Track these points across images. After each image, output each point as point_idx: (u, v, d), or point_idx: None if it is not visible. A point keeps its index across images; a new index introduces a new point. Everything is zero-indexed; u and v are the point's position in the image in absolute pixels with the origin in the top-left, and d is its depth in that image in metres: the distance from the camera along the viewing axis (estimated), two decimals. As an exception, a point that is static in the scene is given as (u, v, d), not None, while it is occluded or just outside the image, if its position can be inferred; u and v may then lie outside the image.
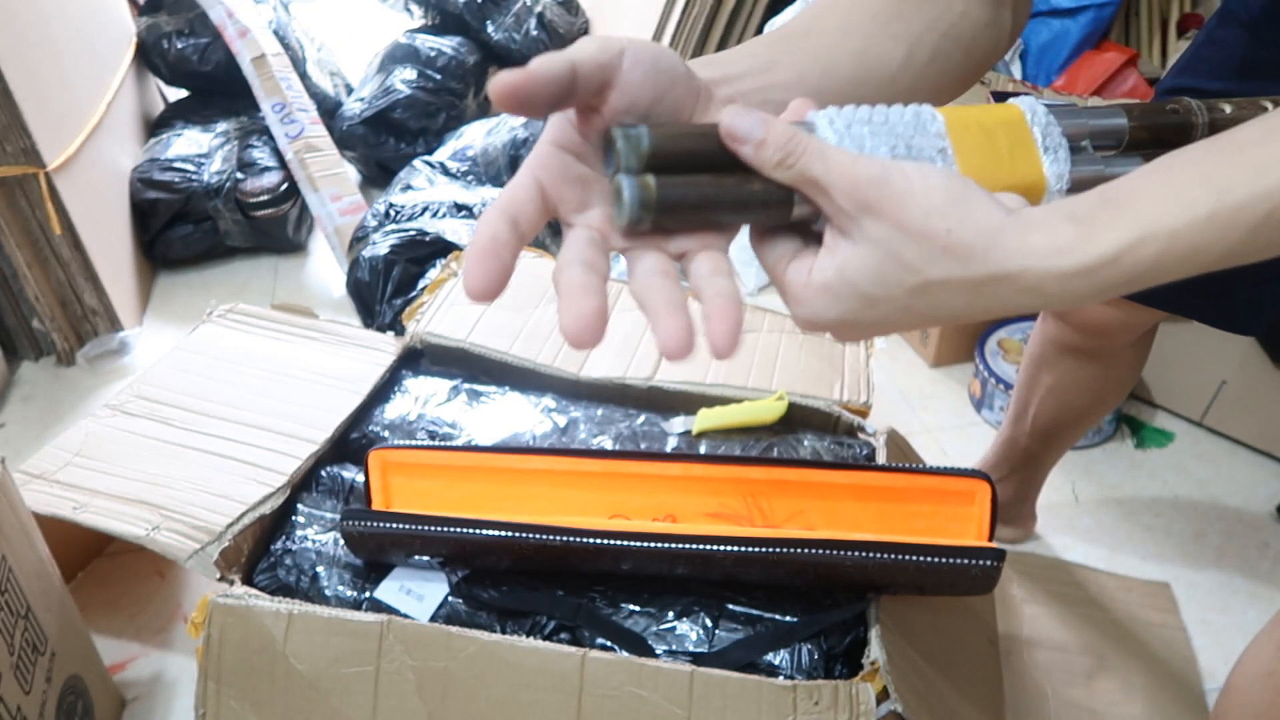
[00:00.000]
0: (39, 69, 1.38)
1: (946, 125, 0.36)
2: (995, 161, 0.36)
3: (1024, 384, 1.06)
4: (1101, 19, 1.71)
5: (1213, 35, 0.75)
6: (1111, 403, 1.05)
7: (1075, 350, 0.98)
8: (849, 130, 0.35)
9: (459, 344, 1.06)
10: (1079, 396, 1.02)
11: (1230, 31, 0.73)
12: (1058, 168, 0.36)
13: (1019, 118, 0.36)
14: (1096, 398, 1.03)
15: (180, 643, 1.06)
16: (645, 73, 0.35)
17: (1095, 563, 1.21)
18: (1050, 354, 1.01)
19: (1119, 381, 1.03)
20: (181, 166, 1.70)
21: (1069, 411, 1.04)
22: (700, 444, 0.95)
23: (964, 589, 0.79)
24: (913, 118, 0.36)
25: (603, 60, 0.34)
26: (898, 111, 0.36)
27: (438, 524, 0.77)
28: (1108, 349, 0.97)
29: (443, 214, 1.58)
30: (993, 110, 0.37)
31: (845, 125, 0.35)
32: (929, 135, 0.35)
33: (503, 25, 2.10)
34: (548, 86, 0.33)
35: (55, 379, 1.49)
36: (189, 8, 1.85)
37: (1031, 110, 0.37)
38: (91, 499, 0.85)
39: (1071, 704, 1.02)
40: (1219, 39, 0.74)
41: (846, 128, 0.35)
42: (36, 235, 1.40)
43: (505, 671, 0.73)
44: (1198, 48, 0.77)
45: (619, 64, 0.34)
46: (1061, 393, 1.02)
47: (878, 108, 0.36)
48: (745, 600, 0.79)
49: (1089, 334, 0.95)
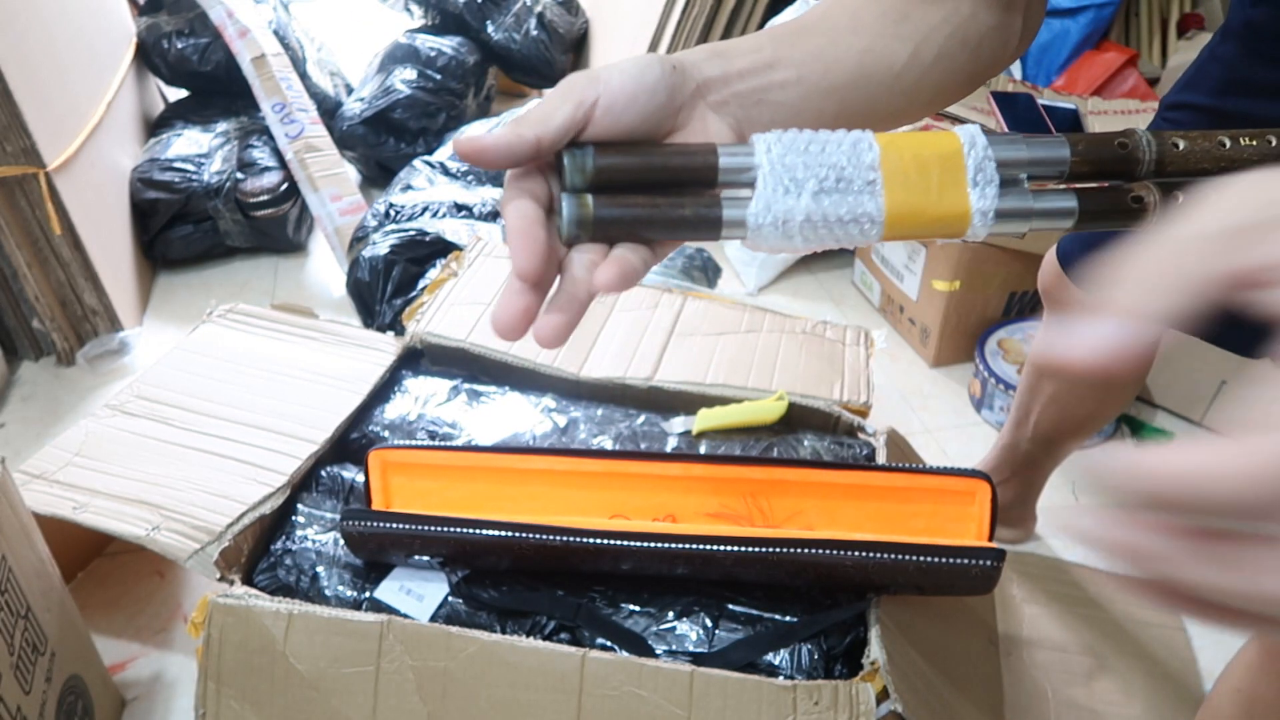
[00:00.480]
0: (39, 69, 1.38)
1: (881, 157, 0.37)
2: (923, 195, 0.37)
3: (1026, 390, 1.06)
4: (1101, 19, 1.71)
5: (1215, 51, 0.75)
6: (1113, 412, 1.05)
7: None
8: (784, 160, 0.36)
9: (459, 344, 1.06)
10: (1081, 405, 1.02)
11: (1230, 48, 0.73)
12: (984, 204, 0.37)
13: (956, 149, 0.37)
14: (1097, 408, 1.03)
15: (180, 643, 1.06)
16: (619, 115, 0.37)
17: (1095, 563, 1.21)
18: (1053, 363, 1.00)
19: (1120, 393, 1.03)
20: (181, 166, 1.71)
21: (1071, 419, 1.04)
22: (700, 444, 0.95)
23: (964, 589, 0.79)
24: (850, 147, 0.37)
25: (574, 119, 0.36)
26: (836, 139, 0.37)
27: (438, 524, 0.77)
28: None
29: (443, 214, 1.58)
30: (932, 140, 0.37)
31: (781, 154, 0.37)
32: (861, 167, 0.37)
33: (503, 25, 2.10)
34: (506, 159, 0.36)
35: (55, 379, 1.49)
36: (189, 8, 1.85)
37: (970, 142, 0.37)
38: (91, 499, 0.85)
39: (1071, 704, 1.02)
40: (1220, 55, 0.74)
41: (781, 157, 0.36)
42: (36, 235, 1.40)
43: (505, 671, 0.73)
44: (1200, 64, 0.77)
45: (591, 115, 0.37)
46: (1064, 401, 1.03)
47: (819, 133, 0.37)
48: (745, 600, 0.79)
49: None
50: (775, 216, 0.36)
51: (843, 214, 0.36)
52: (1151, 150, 0.39)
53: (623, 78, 0.37)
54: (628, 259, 0.36)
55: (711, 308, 1.16)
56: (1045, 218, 0.38)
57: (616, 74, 0.37)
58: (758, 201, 0.36)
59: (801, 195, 0.36)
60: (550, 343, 0.35)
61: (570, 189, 0.36)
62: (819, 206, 0.36)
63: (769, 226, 0.37)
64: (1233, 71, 0.72)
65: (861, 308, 1.71)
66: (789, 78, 0.41)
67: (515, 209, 0.36)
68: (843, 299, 1.73)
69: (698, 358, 1.07)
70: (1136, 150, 0.39)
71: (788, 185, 0.36)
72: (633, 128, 0.38)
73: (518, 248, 0.35)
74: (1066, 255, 0.91)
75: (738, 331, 1.13)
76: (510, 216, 0.36)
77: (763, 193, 0.36)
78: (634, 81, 0.37)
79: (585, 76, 0.37)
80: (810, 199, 0.36)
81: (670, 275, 1.59)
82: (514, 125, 0.36)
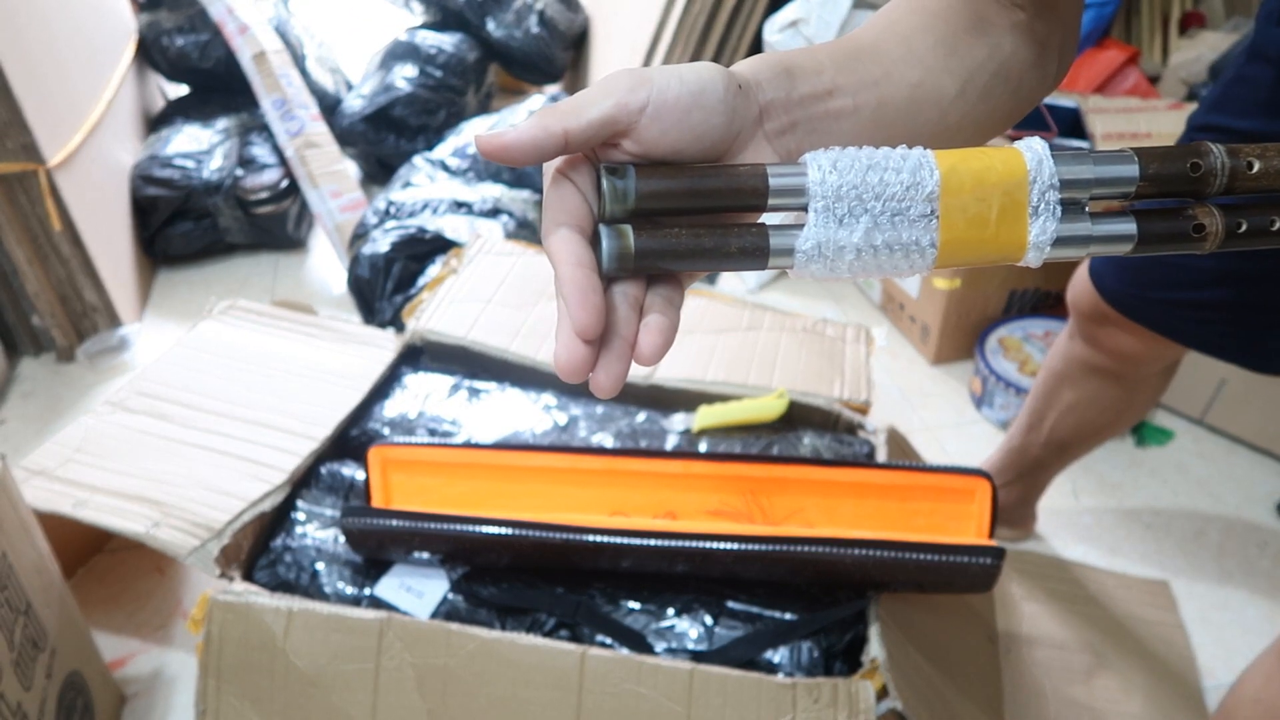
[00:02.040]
0: (39, 66, 1.38)
1: (941, 186, 0.35)
2: (980, 229, 0.35)
3: (1042, 396, 1.06)
4: (1103, 17, 1.71)
5: (1242, 72, 0.74)
6: (1129, 422, 1.05)
7: (1102, 372, 0.98)
8: (838, 189, 0.34)
9: (459, 341, 1.06)
10: (1100, 415, 1.02)
11: (1259, 69, 0.72)
12: (1043, 237, 0.35)
13: (1021, 177, 0.35)
14: (1116, 418, 1.03)
15: (180, 639, 1.06)
16: (667, 129, 0.34)
17: (1095, 561, 1.21)
18: (1075, 372, 1.00)
19: (1141, 404, 1.03)
20: (182, 163, 1.70)
21: (1087, 428, 1.04)
22: (700, 441, 0.95)
23: (963, 587, 0.79)
24: (910, 175, 0.35)
25: (613, 120, 0.33)
26: (896, 163, 0.35)
27: (438, 521, 0.77)
28: (1135, 375, 0.97)
29: (443, 211, 1.58)
30: (997, 164, 0.35)
31: (836, 183, 0.34)
32: (920, 196, 0.35)
33: (503, 22, 2.10)
34: (532, 155, 0.33)
35: (55, 375, 1.49)
36: (189, 4, 1.85)
37: (1037, 167, 0.35)
38: (91, 495, 0.85)
39: (1070, 701, 1.02)
40: (1248, 76, 0.73)
41: (836, 186, 0.34)
42: (36, 232, 1.40)
43: (505, 669, 0.73)
44: (1227, 85, 0.76)
45: (635, 123, 0.34)
46: (1083, 410, 1.02)
47: (878, 153, 0.35)
48: (745, 598, 0.79)
49: (1119, 359, 0.95)
50: (825, 250, 0.35)
51: (894, 247, 0.35)
52: (1224, 174, 0.37)
53: (681, 89, 0.34)
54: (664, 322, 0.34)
55: (712, 305, 1.16)
56: (1103, 243, 0.37)
57: (675, 82, 0.34)
58: (808, 233, 0.34)
59: (855, 230, 0.34)
60: (611, 393, 0.33)
61: (609, 219, 0.34)
62: (870, 241, 0.35)
63: (818, 260, 0.35)
64: (1269, 93, 0.71)
65: (862, 305, 1.71)
66: (845, 107, 0.39)
67: (565, 252, 0.33)
68: (843, 296, 1.73)
69: (698, 355, 1.07)
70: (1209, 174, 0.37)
71: (841, 217, 0.34)
72: (679, 147, 0.34)
73: (576, 305, 0.32)
74: (1100, 277, 0.90)
75: (738, 329, 1.13)
76: (561, 264, 0.33)
77: (814, 225, 0.34)
78: (691, 97, 0.34)
79: (634, 76, 0.34)
80: (863, 234, 0.34)
81: (670, 273, 1.59)
82: (541, 117, 0.33)
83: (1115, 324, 0.91)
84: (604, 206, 0.34)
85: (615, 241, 0.34)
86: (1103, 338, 0.94)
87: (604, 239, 0.34)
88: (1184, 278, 0.81)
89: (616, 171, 0.34)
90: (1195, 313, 0.82)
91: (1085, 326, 0.96)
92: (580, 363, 0.33)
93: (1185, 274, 0.80)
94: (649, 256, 0.34)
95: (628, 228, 0.34)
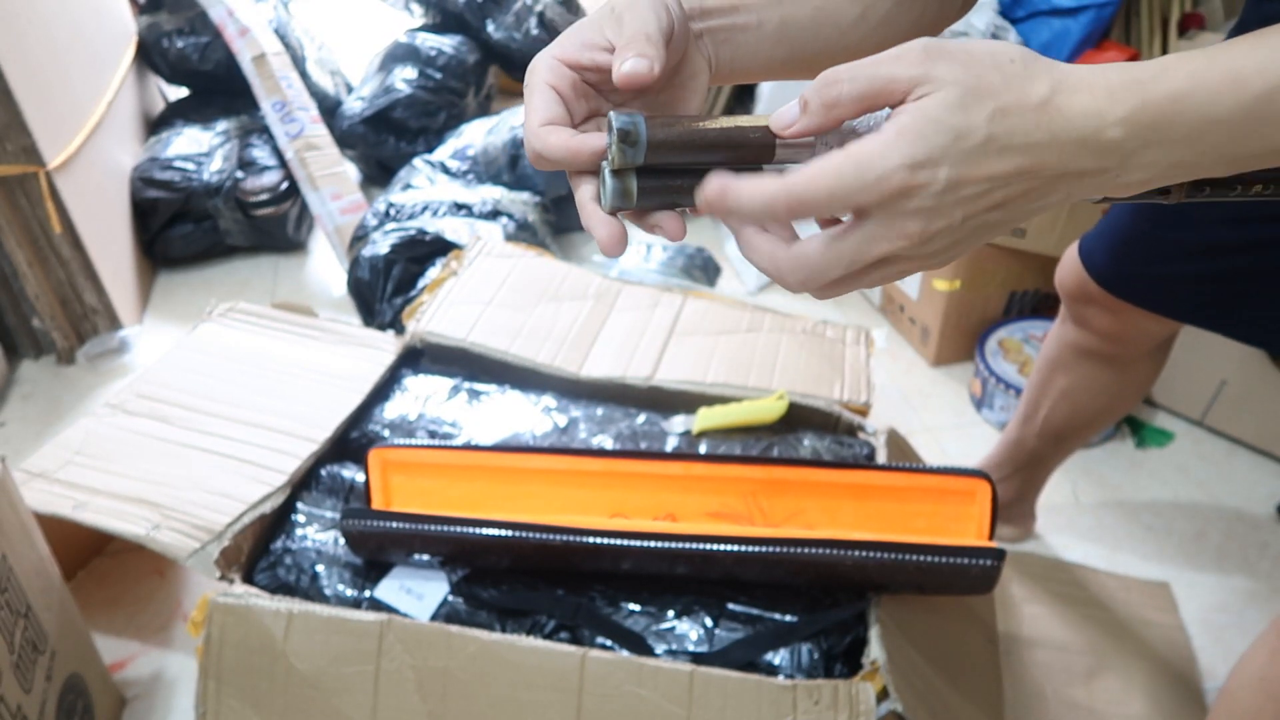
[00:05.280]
0: (39, 68, 1.38)
1: None
2: None
3: (1037, 385, 1.06)
4: (1102, 18, 1.71)
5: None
6: (1124, 408, 1.05)
7: (1093, 355, 0.98)
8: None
9: (459, 343, 1.06)
10: (1093, 400, 1.03)
11: None
12: None
13: None
14: (1110, 403, 1.03)
15: (180, 641, 1.06)
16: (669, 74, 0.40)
17: (1095, 562, 1.21)
18: (1067, 357, 1.01)
19: (1134, 388, 1.03)
20: (182, 165, 1.70)
21: (1082, 414, 1.04)
22: (700, 443, 0.95)
23: (964, 588, 0.79)
24: None
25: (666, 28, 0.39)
26: None
27: (438, 523, 0.77)
28: (1125, 355, 0.98)
29: (443, 213, 1.58)
30: None
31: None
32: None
33: (503, 24, 2.10)
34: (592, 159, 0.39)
35: (55, 377, 1.49)
36: (189, 6, 1.85)
37: None
38: (91, 498, 0.85)
39: (1071, 703, 1.02)
40: None
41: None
42: (36, 234, 1.40)
43: (505, 671, 0.73)
44: None
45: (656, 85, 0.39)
46: (1076, 396, 1.03)
47: None
48: (745, 599, 0.79)
49: (1108, 339, 0.95)
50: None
51: None
52: None
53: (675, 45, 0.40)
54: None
55: (712, 307, 1.16)
56: None
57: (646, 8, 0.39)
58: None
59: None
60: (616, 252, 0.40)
61: (616, 171, 0.37)
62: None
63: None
64: None
65: (861, 307, 1.71)
66: (750, 22, 0.44)
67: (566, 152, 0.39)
68: (843, 298, 1.73)
69: (698, 357, 1.07)
70: None
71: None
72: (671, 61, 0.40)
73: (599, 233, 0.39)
74: (1090, 255, 0.91)
75: (738, 331, 1.13)
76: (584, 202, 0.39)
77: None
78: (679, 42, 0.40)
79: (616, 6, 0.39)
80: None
81: (670, 274, 1.59)
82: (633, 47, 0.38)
83: (1101, 303, 0.92)
84: (611, 157, 0.37)
85: (619, 190, 0.38)
86: (1091, 317, 0.95)
87: (608, 186, 0.37)
88: (1169, 251, 0.82)
89: (628, 138, 0.37)
90: (1180, 286, 0.84)
91: (1074, 308, 0.96)
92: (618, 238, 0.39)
93: (1170, 248, 0.82)
94: (647, 199, 0.38)
95: (632, 178, 0.37)
